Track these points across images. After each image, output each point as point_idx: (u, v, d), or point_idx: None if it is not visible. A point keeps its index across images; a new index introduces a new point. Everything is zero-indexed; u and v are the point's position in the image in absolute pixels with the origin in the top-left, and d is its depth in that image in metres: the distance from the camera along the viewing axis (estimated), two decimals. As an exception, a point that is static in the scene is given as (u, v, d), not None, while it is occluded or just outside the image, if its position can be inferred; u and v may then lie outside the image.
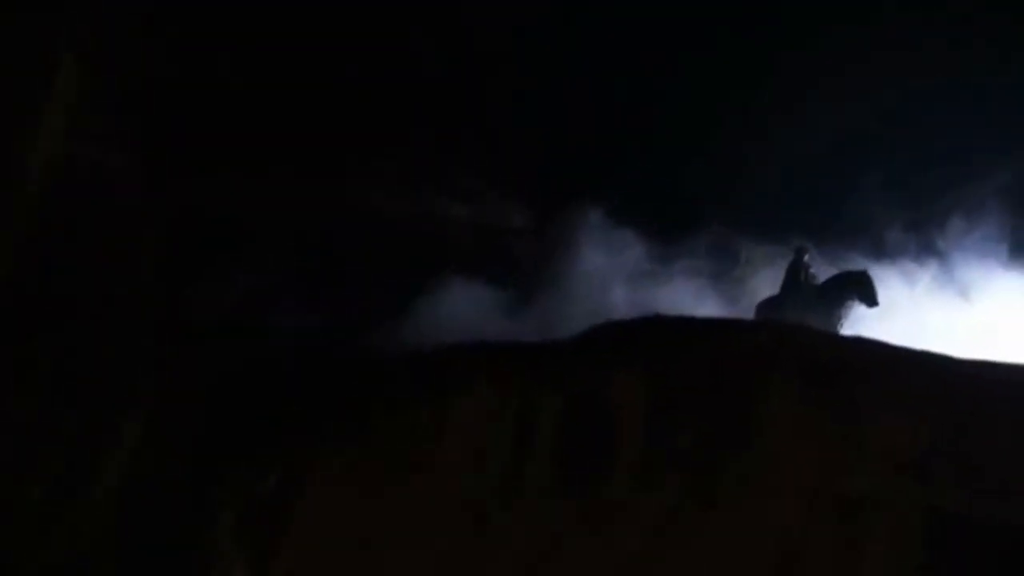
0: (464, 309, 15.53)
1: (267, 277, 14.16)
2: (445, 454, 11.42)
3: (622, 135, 17.72)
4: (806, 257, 15.58)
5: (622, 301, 16.34)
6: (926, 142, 16.53)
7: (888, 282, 15.65)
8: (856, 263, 15.94)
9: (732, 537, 10.14)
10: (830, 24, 16.91)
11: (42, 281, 10.77)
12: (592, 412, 11.02)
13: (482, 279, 16.33)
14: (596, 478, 10.81)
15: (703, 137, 17.70)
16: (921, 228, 16.52)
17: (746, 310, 16.50)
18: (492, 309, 15.93)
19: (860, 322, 14.37)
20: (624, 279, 17.06)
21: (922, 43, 16.41)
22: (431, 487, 11.39)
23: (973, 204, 16.26)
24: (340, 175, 16.63)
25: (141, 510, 11.14)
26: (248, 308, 13.49)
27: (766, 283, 17.21)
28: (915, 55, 16.47)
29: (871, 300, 14.55)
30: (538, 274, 17.12)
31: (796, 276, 15.37)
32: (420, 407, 11.67)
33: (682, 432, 10.66)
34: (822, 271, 15.61)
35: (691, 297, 16.65)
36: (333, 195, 15.98)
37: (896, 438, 9.83)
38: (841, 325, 14.45)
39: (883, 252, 16.50)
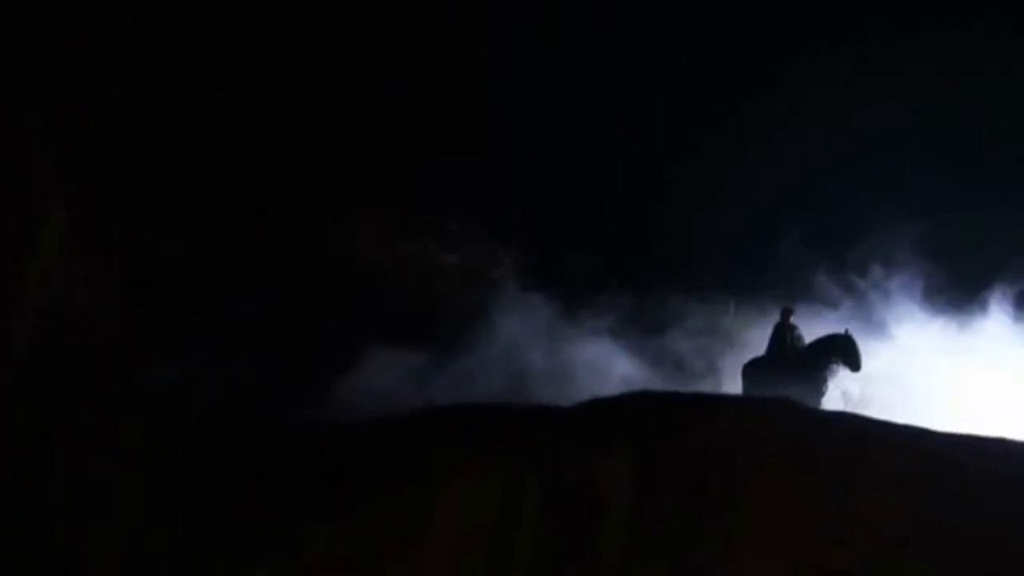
0: (388, 374, 15.54)
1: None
2: (434, 537, 11.39)
3: (539, 199, 17.91)
4: (791, 318, 15.80)
5: (537, 362, 16.67)
6: (847, 198, 17.65)
7: (812, 325, 16.41)
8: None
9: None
10: (752, 89, 17.80)
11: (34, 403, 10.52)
12: (577, 495, 11.12)
13: (405, 342, 16.23)
14: (582, 560, 11.01)
15: (626, 197, 18.25)
16: (843, 275, 17.45)
17: (661, 366, 17.06)
18: (412, 373, 16.01)
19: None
20: (538, 340, 17.19)
21: (845, 107, 17.59)
22: (420, 571, 11.35)
23: (890, 252, 17.30)
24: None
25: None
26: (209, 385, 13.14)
27: (683, 338, 17.76)
28: (839, 118, 17.60)
29: (855, 364, 14.84)
30: (455, 337, 17.06)
31: (781, 338, 15.57)
32: (409, 489, 11.58)
33: (669, 513, 10.88)
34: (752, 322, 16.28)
35: (605, 355, 17.00)
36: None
37: (881, 512, 10.16)
38: (826, 388, 14.80)
39: (806, 298, 17.25)
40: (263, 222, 15.21)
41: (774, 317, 16.36)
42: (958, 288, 16.80)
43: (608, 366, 16.91)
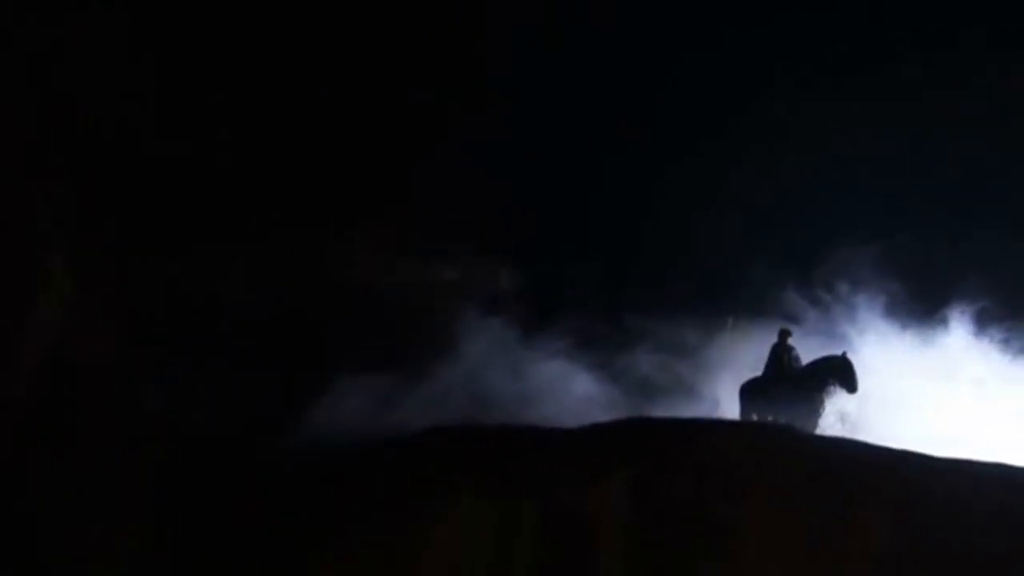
0: (355, 397, 15.51)
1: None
2: (435, 553, 11.54)
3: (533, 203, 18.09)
4: (789, 339, 15.96)
5: (499, 384, 16.70)
6: (813, 221, 18.25)
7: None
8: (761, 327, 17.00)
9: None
10: (732, 110, 18.31)
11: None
12: (572, 523, 11.40)
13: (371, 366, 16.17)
14: (583, 572, 11.18)
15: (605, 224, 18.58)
16: (811, 291, 18.00)
17: (618, 382, 17.28)
18: (379, 396, 15.89)
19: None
20: (500, 364, 17.22)
21: (816, 131, 18.25)
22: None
23: (855, 270, 17.91)
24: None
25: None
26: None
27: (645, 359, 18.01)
28: (805, 148, 18.27)
29: (851, 386, 14.97)
30: (419, 360, 17.04)
31: (779, 359, 15.71)
32: (410, 506, 11.67)
33: (668, 538, 11.14)
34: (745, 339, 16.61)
35: (565, 377, 17.15)
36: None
37: (875, 534, 10.63)
38: (823, 408, 14.98)
39: (777, 313, 17.69)
40: (261, 233, 15.14)
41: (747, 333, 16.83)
42: (920, 303, 17.40)
43: (575, 385, 17.08)
